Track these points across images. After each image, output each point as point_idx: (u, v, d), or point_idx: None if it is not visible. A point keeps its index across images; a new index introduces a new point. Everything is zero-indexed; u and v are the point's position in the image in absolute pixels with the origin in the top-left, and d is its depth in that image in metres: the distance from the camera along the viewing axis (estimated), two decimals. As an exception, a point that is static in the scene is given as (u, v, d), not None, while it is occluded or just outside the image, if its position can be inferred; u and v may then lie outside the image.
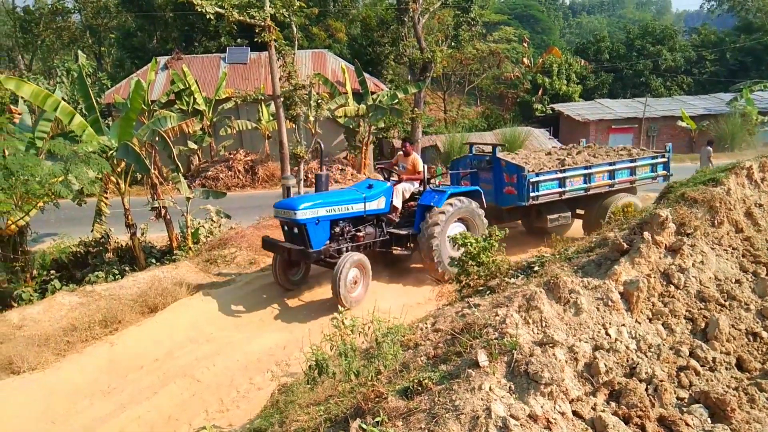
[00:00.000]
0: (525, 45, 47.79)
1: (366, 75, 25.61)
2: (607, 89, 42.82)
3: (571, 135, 33.34)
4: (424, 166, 10.75)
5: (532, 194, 11.31)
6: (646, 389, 3.69)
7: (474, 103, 45.61)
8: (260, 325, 8.99)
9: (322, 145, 11.22)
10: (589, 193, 12.13)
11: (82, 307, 8.83)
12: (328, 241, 9.55)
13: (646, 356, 4.02)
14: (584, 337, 4.03)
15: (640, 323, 4.37)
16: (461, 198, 10.53)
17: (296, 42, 16.54)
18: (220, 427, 6.18)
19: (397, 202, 10.47)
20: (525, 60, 44.63)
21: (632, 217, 6.24)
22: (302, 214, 9.13)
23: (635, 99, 37.93)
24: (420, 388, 3.28)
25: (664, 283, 4.77)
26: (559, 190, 11.76)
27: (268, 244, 9.90)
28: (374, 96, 24.53)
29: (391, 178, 11.09)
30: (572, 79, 39.61)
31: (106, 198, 13.16)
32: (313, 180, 13.14)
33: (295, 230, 9.39)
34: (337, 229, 9.64)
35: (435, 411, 3.01)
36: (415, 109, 23.89)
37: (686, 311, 4.59)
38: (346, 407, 3.70)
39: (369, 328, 4.67)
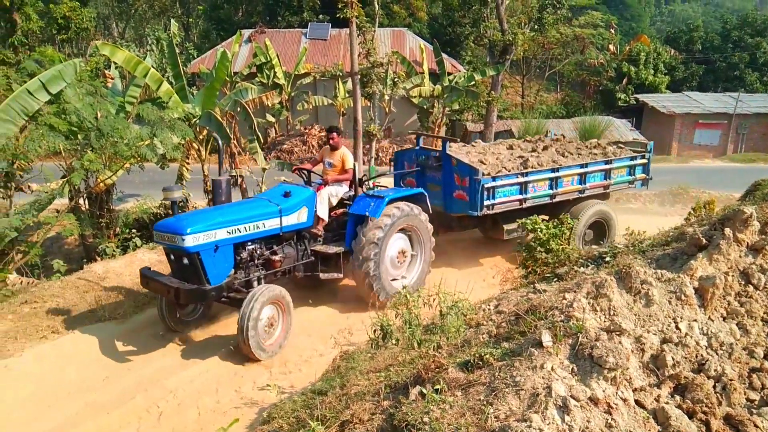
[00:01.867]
0: (612, 31, 45.95)
1: (444, 55, 25.42)
2: (697, 82, 40.69)
3: (655, 128, 32.01)
4: (355, 164, 8.74)
5: (486, 202, 9.50)
6: (714, 387, 3.59)
7: (554, 89, 44.43)
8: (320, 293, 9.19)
9: (220, 144, 8.55)
10: (554, 200, 10.33)
11: (161, 264, 9.32)
12: (232, 271, 7.38)
13: (717, 354, 3.91)
14: (653, 329, 3.95)
15: (713, 320, 4.23)
16: (402, 204, 8.68)
17: (377, 19, 16.66)
18: (282, 387, 6.44)
19: (323, 212, 8.40)
20: (611, 47, 42.94)
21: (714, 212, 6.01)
22: (193, 240, 6.70)
23: (727, 93, 35.86)
24: (481, 363, 3.33)
25: (743, 282, 4.59)
26: (520, 197, 9.94)
27: (147, 279, 7.25)
28: (451, 77, 24.35)
29: (314, 181, 8.99)
30: (660, 69, 37.82)
31: (188, 164, 13.77)
32: (386, 160, 12.95)
33: (185, 261, 6.92)
34: (245, 255, 7.41)
35: (494, 385, 3.06)
36: (492, 92, 23.55)
37: (764, 313, 4.41)
38: (406, 375, 3.80)
39: (434, 300, 4.74)
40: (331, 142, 8.97)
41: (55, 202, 10.19)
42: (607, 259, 5.87)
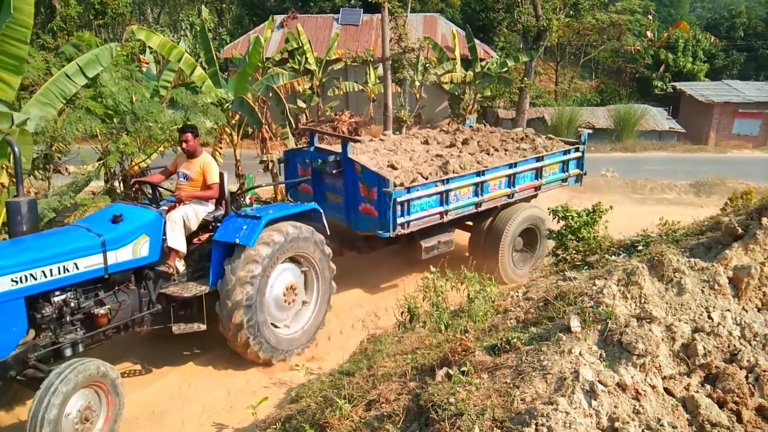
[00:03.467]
0: (650, 17, 44.74)
1: (476, 41, 25.14)
2: (738, 70, 39.46)
3: (692, 117, 31.25)
4: (223, 175, 6.66)
5: (400, 220, 7.77)
6: (746, 377, 3.54)
7: (588, 77, 43.56)
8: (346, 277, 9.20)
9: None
10: (480, 209, 8.89)
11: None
12: (29, 336, 5.32)
13: (750, 345, 3.84)
14: (684, 318, 3.90)
15: (747, 311, 4.15)
16: (288, 226, 6.73)
17: (409, 4, 16.54)
18: (310, 368, 6.54)
19: (176, 241, 6.21)
20: (648, 33, 41.88)
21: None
22: None
23: (769, 82, 34.80)
24: (508, 346, 3.34)
25: (780, 273, 4.49)
26: (440, 209, 8.30)
27: None
28: (483, 63, 24.08)
29: (162, 199, 6.91)
30: (699, 57, 36.77)
31: (220, 148, 13.94)
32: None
33: None
34: (49, 310, 5.31)
35: (521, 368, 3.07)
36: (525, 78, 23.25)
37: (801, 305, 4.31)
38: (433, 358, 3.83)
39: (462, 284, 4.75)
40: (184, 146, 6.62)
41: (91, 184, 10.35)
42: (640, 247, 5.79)
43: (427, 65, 23.75)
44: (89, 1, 30.60)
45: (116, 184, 11.64)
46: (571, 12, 24.65)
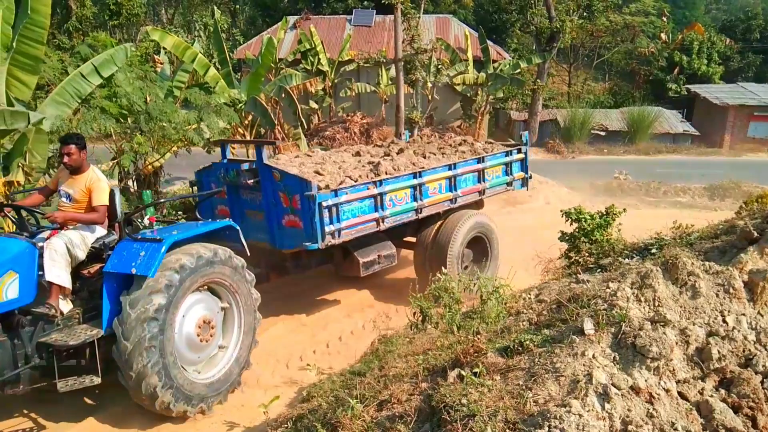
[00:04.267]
0: (664, 19, 44.47)
1: (489, 42, 25.13)
2: (754, 72, 39.11)
3: (707, 120, 30.97)
4: (114, 192, 5.74)
5: (328, 228, 6.83)
6: (762, 382, 3.51)
7: (602, 79, 43.35)
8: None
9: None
10: (421, 215, 8.04)
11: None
12: None
13: (766, 349, 3.80)
14: (699, 322, 3.87)
15: (762, 315, 4.11)
16: (198, 248, 5.59)
17: (422, 6, 16.55)
18: (321, 368, 6.56)
19: (58, 275, 5.03)
20: (662, 35, 41.60)
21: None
22: None
23: (786, 85, 34.40)
24: (520, 348, 3.33)
25: (796, 277, 4.45)
26: (376, 215, 7.42)
27: None
28: (495, 64, 24.06)
29: (40, 227, 5.80)
30: (714, 59, 36.46)
31: (233, 149, 14.03)
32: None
33: None
34: None
35: (534, 370, 3.06)
36: (538, 80, 23.22)
37: (818, 310, 4.27)
38: (445, 359, 3.82)
39: (475, 285, 4.75)
40: (66, 160, 5.39)
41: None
42: (653, 250, 5.75)
43: (440, 66, 23.76)
44: (104, 1, 30.91)
45: (130, 183, 11.75)
46: (585, 13, 24.57)
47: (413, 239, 8.68)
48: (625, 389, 2.92)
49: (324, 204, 6.68)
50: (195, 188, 8.20)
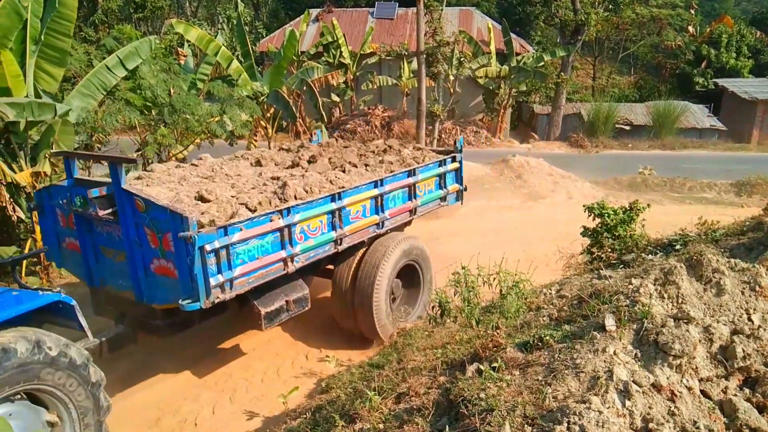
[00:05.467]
0: (692, 12, 43.61)
1: (512, 35, 24.89)
2: (785, 66, 38.19)
3: (735, 114, 30.36)
4: None
5: (215, 280, 5.02)
6: (788, 382, 3.44)
7: (627, 72, 42.69)
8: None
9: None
10: (341, 246, 6.43)
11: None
12: None
13: (793, 349, 3.73)
14: (723, 320, 3.80)
15: (790, 314, 4.03)
16: (13, 336, 3.91)
17: (445, -2, 16.44)
18: (340, 360, 6.59)
19: None
20: (690, 28, 40.79)
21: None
22: None
23: (818, 78, 33.53)
24: (540, 344, 3.31)
25: (825, 275, 4.34)
26: (282, 255, 5.70)
27: None
28: (519, 57, 23.83)
29: None
30: (743, 53, 35.65)
31: (255, 140, 14.11)
32: (449, 142, 11.85)
33: None
34: None
35: (554, 366, 3.04)
36: (562, 73, 22.94)
37: None
38: (463, 353, 3.82)
39: (494, 279, 4.72)
40: None
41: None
42: (677, 247, 5.66)
43: (462, 59, 23.60)
44: (130, -6, 31.29)
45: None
46: (610, 6, 24.19)
47: (330, 266, 7.06)
48: (647, 386, 2.89)
49: (208, 248, 4.88)
50: (36, 213, 6.58)
